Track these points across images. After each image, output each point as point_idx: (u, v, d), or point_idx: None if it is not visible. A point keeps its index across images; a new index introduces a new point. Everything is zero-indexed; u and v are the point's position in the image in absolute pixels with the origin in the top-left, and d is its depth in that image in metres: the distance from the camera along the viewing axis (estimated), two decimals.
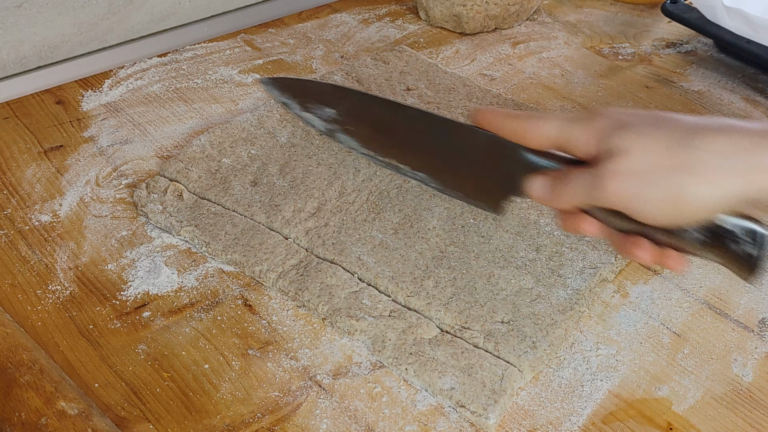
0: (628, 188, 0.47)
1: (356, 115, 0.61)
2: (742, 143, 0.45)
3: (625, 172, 0.47)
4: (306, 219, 0.65)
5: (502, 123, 0.53)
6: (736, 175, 0.45)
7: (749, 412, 0.53)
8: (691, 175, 0.45)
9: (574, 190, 0.49)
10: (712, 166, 0.45)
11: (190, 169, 0.70)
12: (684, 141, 0.46)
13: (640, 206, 0.47)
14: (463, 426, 0.52)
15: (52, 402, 0.50)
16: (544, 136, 0.51)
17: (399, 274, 0.60)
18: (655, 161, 0.46)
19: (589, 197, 0.49)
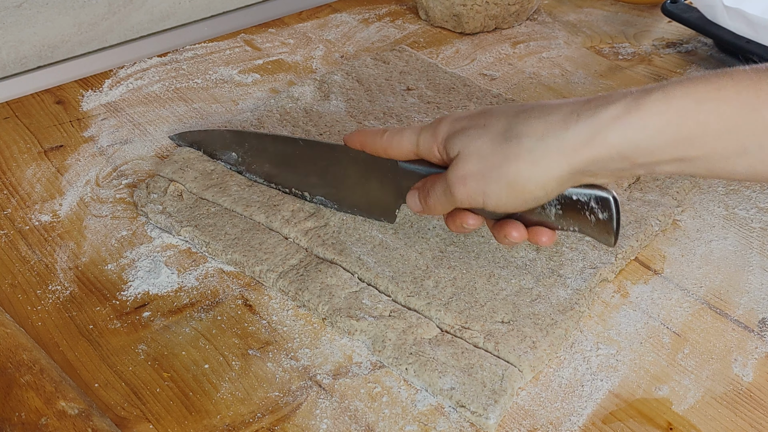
0: (472, 189, 0.52)
1: (255, 154, 0.69)
2: (555, 123, 0.49)
3: (465, 175, 0.52)
4: (305, 219, 0.65)
5: (370, 143, 0.59)
6: (555, 154, 0.49)
7: (749, 412, 0.53)
8: (517, 163, 0.50)
9: (437, 200, 0.55)
10: (532, 150, 0.49)
11: (185, 169, 0.70)
12: (507, 133, 0.50)
13: (488, 201, 0.52)
14: (463, 426, 0.52)
15: (52, 402, 0.50)
16: (405, 149, 0.57)
17: (399, 274, 0.60)
18: (486, 159, 0.51)
19: (449, 203, 0.54)
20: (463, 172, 0.52)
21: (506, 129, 0.51)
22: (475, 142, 0.51)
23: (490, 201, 0.52)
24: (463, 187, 0.52)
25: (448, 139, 0.53)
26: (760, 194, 0.70)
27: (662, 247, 0.66)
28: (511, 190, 0.50)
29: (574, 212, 0.52)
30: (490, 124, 0.52)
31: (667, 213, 0.67)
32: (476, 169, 0.51)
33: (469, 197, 0.52)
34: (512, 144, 0.50)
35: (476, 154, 0.51)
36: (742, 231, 0.67)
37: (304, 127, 0.76)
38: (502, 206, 0.52)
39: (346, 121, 0.77)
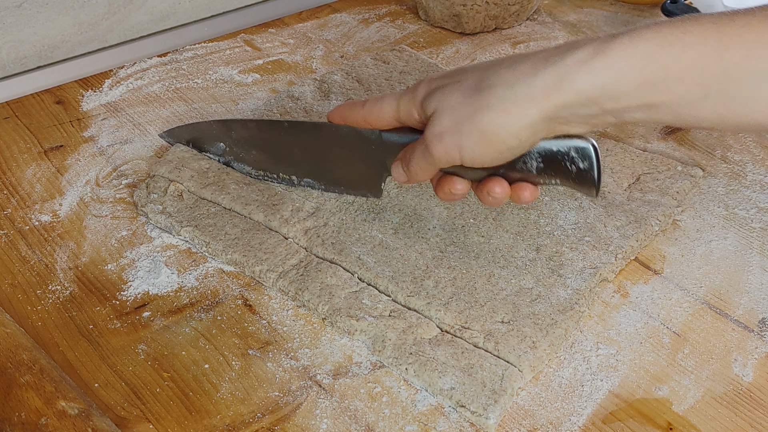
0: (448, 144, 0.51)
1: (242, 142, 0.69)
2: (524, 71, 0.49)
3: (441, 132, 0.52)
4: (305, 218, 0.65)
5: (350, 115, 0.59)
6: (525, 101, 0.49)
7: (749, 412, 0.53)
8: (489, 112, 0.49)
9: (418, 165, 0.54)
10: (503, 99, 0.49)
11: (181, 168, 0.70)
12: (479, 84, 0.50)
13: (465, 155, 0.51)
14: (463, 426, 0.52)
15: (52, 402, 0.50)
16: (385, 117, 0.57)
17: (399, 273, 0.60)
18: (460, 112, 0.51)
19: (430, 165, 0.54)
20: (439, 129, 0.52)
21: (478, 81, 0.51)
22: (448, 98, 0.51)
23: (466, 154, 0.51)
24: (440, 144, 0.52)
25: (425, 98, 0.53)
26: (760, 194, 0.70)
27: (662, 247, 0.66)
28: (485, 140, 0.50)
29: (555, 164, 0.52)
30: (464, 78, 0.52)
31: (667, 213, 0.67)
32: (450, 124, 0.51)
33: (446, 153, 0.52)
34: (484, 94, 0.50)
35: (450, 109, 0.51)
36: (742, 231, 0.67)
37: None
38: (478, 159, 0.51)
39: None
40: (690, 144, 0.77)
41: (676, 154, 0.75)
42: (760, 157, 0.75)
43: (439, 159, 0.53)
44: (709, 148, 0.76)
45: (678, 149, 0.76)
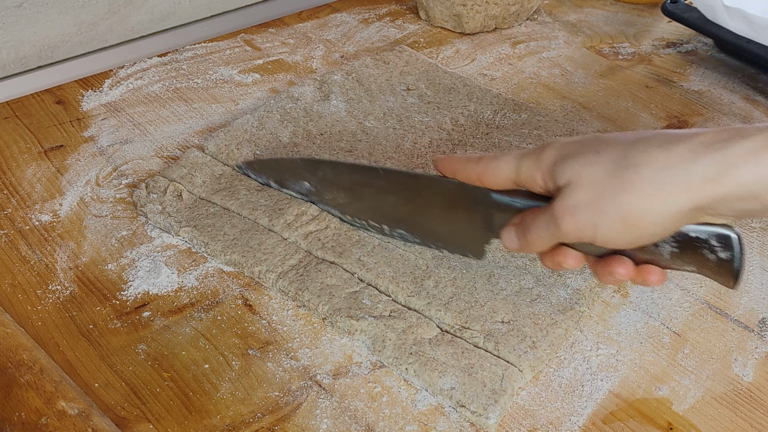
0: (582, 221, 0.47)
1: (330, 184, 0.64)
2: (680, 154, 0.45)
3: (575, 206, 0.47)
4: (307, 222, 0.65)
5: (462, 169, 0.54)
6: (680, 188, 0.45)
7: (749, 412, 0.53)
8: (636, 195, 0.45)
9: (538, 235, 0.50)
10: (653, 182, 0.45)
11: (193, 174, 0.70)
12: (624, 161, 0.46)
13: (599, 234, 0.47)
14: (464, 426, 0.52)
15: (52, 402, 0.50)
16: (502, 177, 0.52)
17: (399, 274, 0.60)
18: (600, 188, 0.46)
19: (553, 237, 0.49)
20: (573, 202, 0.47)
21: (623, 157, 0.46)
22: (586, 170, 0.47)
23: (600, 235, 0.47)
24: (572, 219, 0.47)
25: (556, 165, 0.48)
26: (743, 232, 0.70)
27: None
28: (625, 223, 0.46)
29: (691, 251, 0.48)
30: (604, 150, 0.47)
31: None
32: (587, 199, 0.46)
33: (577, 230, 0.47)
34: (629, 173, 0.45)
35: (588, 183, 0.46)
36: (742, 231, 0.67)
37: (305, 127, 0.76)
38: (613, 241, 0.47)
39: (347, 121, 0.77)
40: None
41: None
42: None
43: (567, 234, 0.48)
44: None
45: None
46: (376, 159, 0.72)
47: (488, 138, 0.75)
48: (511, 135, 0.76)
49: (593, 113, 0.82)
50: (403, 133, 0.76)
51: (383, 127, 0.77)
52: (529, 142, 0.75)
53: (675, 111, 0.82)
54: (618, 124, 0.80)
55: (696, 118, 0.81)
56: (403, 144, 0.74)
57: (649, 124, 0.80)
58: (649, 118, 0.81)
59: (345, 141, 0.75)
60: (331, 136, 0.75)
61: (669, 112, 0.82)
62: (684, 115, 0.81)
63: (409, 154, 0.73)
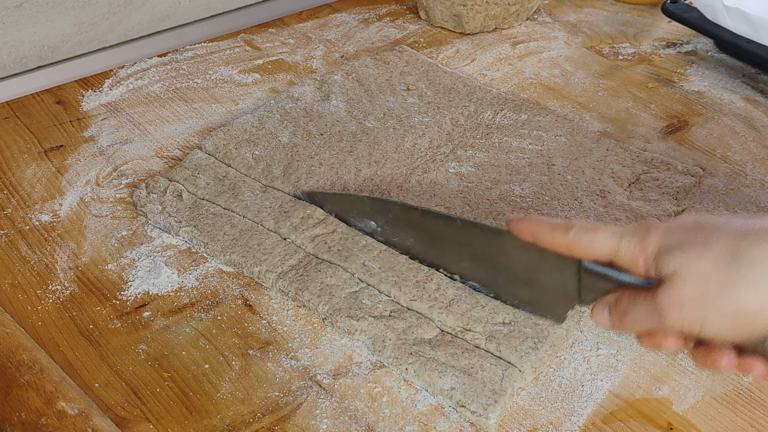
0: (689, 315, 0.45)
1: (399, 227, 0.62)
2: None
3: (683, 299, 0.45)
4: (313, 226, 0.65)
5: (548, 237, 0.51)
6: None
7: (749, 412, 0.53)
8: (747, 291, 0.43)
9: (637, 321, 0.48)
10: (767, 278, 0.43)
11: (197, 175, 0.70)
12: (737, 254, 0.44)
13: (707, 330, 0.45)
14: (464, 426, 0.52)
15: (52, 402, 0.50)
16: (596, 252, 0.50)
17: (402, 278, 0.60)
18: (710, 283, 0.44)
19: (654, 324, 0.47)
20: (680, 296, 0.45)
21: (734, 250, 0.44)
22: (696, 262, 0.45)
23: (708, 330, 0.45)
24: (678, 313, 0.45)
25: (662, 253, 0.47)
26: (761, 193, 0.70)
27: None
28: (736, 321, 0.44)
29: None
30: (713, 241, 0.45)
31: (667, 213, 0.67)
32: (696, 294, 0.45)
33: (683, 324, 0.46)
34: (742, 269, 0.43)
35: (697, 277, 0.45)
36: None
37: (305, 127, 0.76)
38: (722, 336, 0.45)
39: (347, 121, 0.77)
40: (690, 144, 0.77)
41: (676, 154, 0.75)
42: (761, 157, 0.75)
43: (672, 327, 0.46)
44: (709, 148, 0.76)
45: (678, 149, 0.76)
46: (376, 159, 0.72)
47: (488, 138, 0.75)
48: (511, 135, 0.76)
49: (593, 113, 0.82)
50: (403, 133, 0.76)
51: (383, 127, 0.77)
52: (530, 142, 0.75)
53: (675, 111, 0.82)
54: (618, 125, 0.80)
55: (696, 118, 0.81)
56: (403, 144, 0.74)
57: (650, 123, 0.80)
58: (649, 118, 0.81)
59: (345, 141, 0.75)
60: (331, 136, 0.75)
61: (669, 112, 0.82)
62: (684, 115, 0.81)
63: (409, 154, 0.73)
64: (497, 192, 0.68)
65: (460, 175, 0.70)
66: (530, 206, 0.67)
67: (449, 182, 0.70)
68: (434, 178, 0.70)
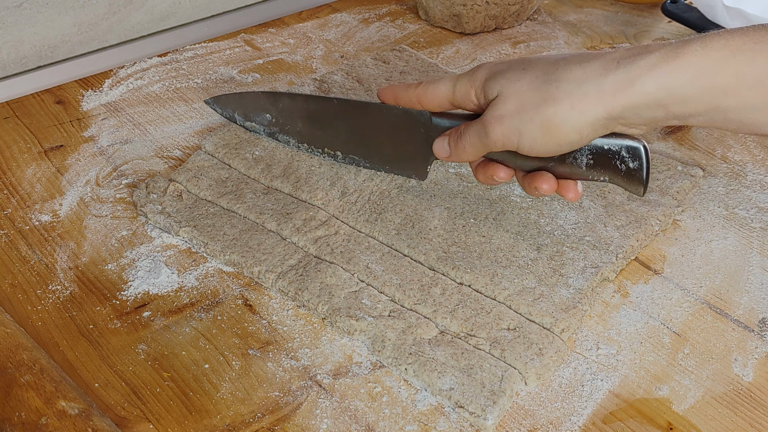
0: (507, 128, 0.53)
1: (289, 114, 0.71)
2: (594, 69, 0.51)
3: (503, 114, 0.53)
4: (316, 227, 0.65)
5: (403, 95, 0.60)
6: (593, 99, 0.50)
7: (749, 412, 0.53)
8: (555, 105, 0.51)
9: (469, 143, 0.56)
10: (571, 94, 0.51)
11: (199, 177, 0.70)
12: (548, 76, 0.52)
13: (523, 141, 0.53)
14: (464, 426, 0.52)
15: (52, 402, 0.50)
16: (439, 97, 0.58)
17: (406, 281, 0.60)
18: (525, 99, 0.52)
19: (482, 145, 0.55)
20: (501, 112, 0.53)
21: (546, 73, 0.52)
22: (514, 84, 0.53)
23: (524, 141, 0.53)
24: (500, 126, 0.53)
25: (487, 81, 0.55)
26: (761, 194, 0.70)
27: (662, 247, 0.66)
28: (547, 131, 0.52)
29: (605, 162, 0.54)
30: (530, 68, 0.53)
31: (667, 213, 0.67)
32: (514, 109, 0.53)
33: (504, 136, 0.53)
34: (551, 87, 0.51)
35: (515, 95, 0.53)
36: (742, 231, 0.67)
37: None
38: (536, 148, 0.53)
39: None
40: (690, 144, 0.77)
41: (676, 154, 0.75)
42: (760, 157, 0.75)
43: (495, 141, 0.54)
44: (709, 148, 0.76)
45: (678, 149, 0.76)
46: None
47: None
48: None
49: None
50: None
51: None
52: None
53: None
54: None
55: None
56: None
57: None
58: None
59: None
60: None
61: None
62: None
63: None
64: (497, 192, 0.68)
65: (460, 176, 0.70)
66: (530, 206, 0.67)
67: (449, 182, 0.70)
68: (434, 178, 0.70)
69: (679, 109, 0.50)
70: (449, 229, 0.65)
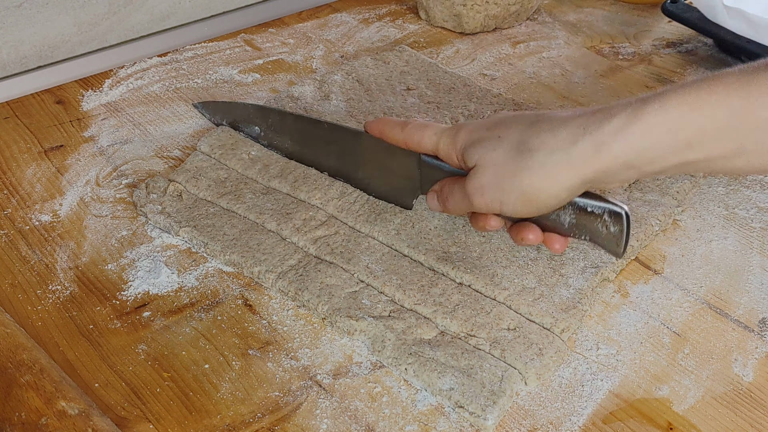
0: (488, 198, 0.55)
1: (277, 131, 0.72)
2: (564, 138, 0.52)
3: (482, 185, 0.55)
4: (316, 227, 0.65)
5: (390, 134, 0.62)
6: (565, 167, 0.52)
7: (749, 412, 0.53)
8: (530, 175, 0.52)
9: (456, 205, 0.58)
10: (545, 165, 0.52)
11: (198, 177, 0.70)
12: (521, 146, 0.53)
13: (505, 209, 0.55)
14: (464, 426, 0.52)
15: (52, 402, 0.50)
16: (423, 147, 0.60)
17: (406, 282, 0.60)
18: (502, 170, 0.54)
19: (468, 208, 0.57)
20: (481, 183, 0.55)
21: (519, 142, 0.53)
22: (490, 154, 0.54)
23: (506, 209, 0.55)
24: (481, 197, 0.55)
25: (466, 149, 0.56)
26: (761, 194, 0.70)
27: (662, 247, 0.66)
28: (526, 199, 0.53)
29: (587, 222, 0.54)
30: (505, 136, 0.54)
31: (667, 213, 0.67)
32: (493, 180, 0.54)
33: (486, 205, 0.55)
34: (525, 157, 0.53)
35: (492, 166, 0.54)
36: (742, 231, 0.67)
37: None
38: (518, 213, 0.55)
39: (347, 121, 0.77)
40: None
41: None
42: None
43: (479, 208, 0.56)
44: None
45: None
46: None
47: None
48: None
49: None
50: None
51: None
52: None
53: None
54: None
55: None
56: None
57: None
58: None
59: None
60: None
61: None
62: None
63: None
64: None
65: None
66: None
67: None
68: None
69: (649, 167, 0.51)
70: (449, 229, 0.65)
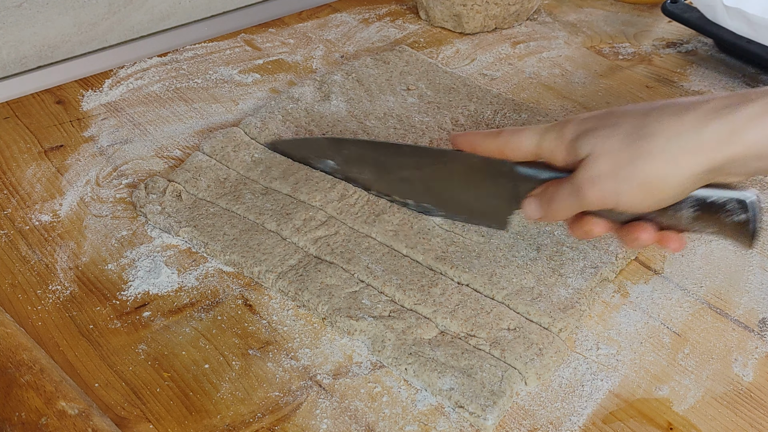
0: (604, 189, 0.50)
1: (355, 162, 0.67)
2: (691, 121, 0.48)
3: (596, 175, 0.50)
4: (316, 228, 0.65)
5: (482, 144, 0.56)
6: (693, 153, 0.48)
7: (749, 412, 0.53)
8: (652, 161, 0.48)
9: (562, 204, 0.53)
10: (668, 149, 0.48)
11: (198, 177, 0.70)
12: (640, 131, 0.49)
13: (622, 201, 0.50)
14: (464, 426, 0.52)
15: (52, 402, 0.50)
16: (523, 150, 0.55)
17: (406, 282, 0.60)
18: (619, 157, 0.49)
19: (576, 206, 0.52)
20: (595, 173, 0.50)
21: (638, 127, 0.50)
22: (606, 142, 0.50)
23: (623, 201, 0.50)
24: (595, 188, 0.50)
25: (577, 139, 0.52)
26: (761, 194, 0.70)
27: None
28: (645, 189, 0.49)
29: (710, 214, 0.50)
30: (620, 123, 0.51)
31: None
32: (608, 169, 0.50)
33: (601, 198, 0.51)
34: (645, 142, 0.49)
35: (608, 154, 0.50)
36: None
37: (306, 127, 0.76)
38: (636, 206, 0.50)
39: (348, 121, 0.77)
40: None
41: None
42: None
43: (592, 203, 0.51)
44: None
45: None
46: None
47: None
48: None
49: None
50: (403, 133, 0.76)
51: (384, 127, 0.77)
52: None
53: None
54: None
55: None
56: None
57: None
58: None
59: None
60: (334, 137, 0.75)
61: None
62: None
63: None
64: None
65: None
66: None
67: None
68: None
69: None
70: (448, 229, 0.65)
